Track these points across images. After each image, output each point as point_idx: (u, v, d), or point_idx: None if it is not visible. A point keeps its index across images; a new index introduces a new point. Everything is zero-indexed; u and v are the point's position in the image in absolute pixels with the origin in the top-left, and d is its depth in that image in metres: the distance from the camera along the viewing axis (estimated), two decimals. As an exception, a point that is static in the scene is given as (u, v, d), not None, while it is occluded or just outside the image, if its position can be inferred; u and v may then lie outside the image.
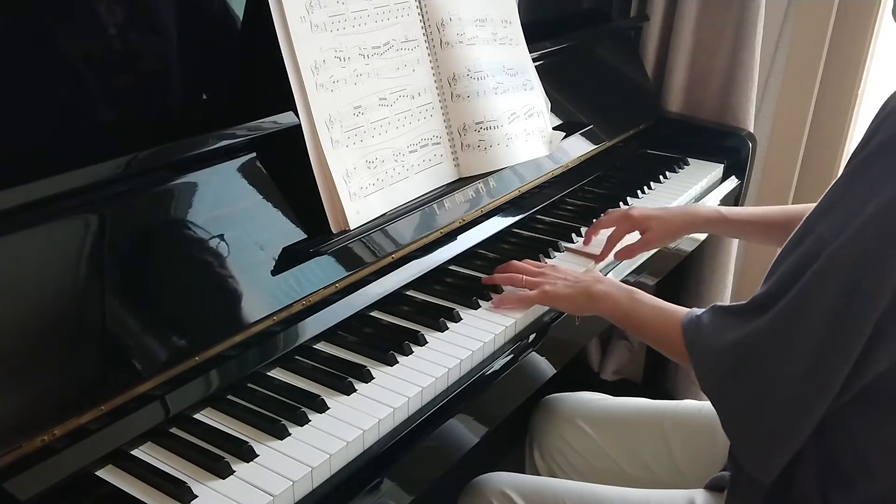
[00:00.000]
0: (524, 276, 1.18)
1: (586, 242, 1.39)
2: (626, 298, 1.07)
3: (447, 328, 1.11)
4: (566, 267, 1.25)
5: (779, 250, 0.88)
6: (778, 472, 0.86)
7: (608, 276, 1.32)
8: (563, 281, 1.15)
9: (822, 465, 0.88)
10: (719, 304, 0.94)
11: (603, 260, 1.35)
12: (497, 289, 1.20)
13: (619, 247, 1.36)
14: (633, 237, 1.37)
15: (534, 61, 1.51)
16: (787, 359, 0.82)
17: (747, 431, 0.87)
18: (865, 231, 0.77)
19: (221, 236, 0.99)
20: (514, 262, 1.22)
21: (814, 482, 0.88)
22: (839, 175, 0.84)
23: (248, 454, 0.85)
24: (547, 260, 1.34)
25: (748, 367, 0.85)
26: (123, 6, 1.00)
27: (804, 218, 0.85)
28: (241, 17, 1.13)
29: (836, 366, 0.80)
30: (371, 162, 1.17)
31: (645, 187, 1.66)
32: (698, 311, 0.96)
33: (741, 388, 0.86)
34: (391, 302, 1.15)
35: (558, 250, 1.37)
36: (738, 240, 2.02)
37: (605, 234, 1.37)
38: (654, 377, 2.16)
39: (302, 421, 0.91)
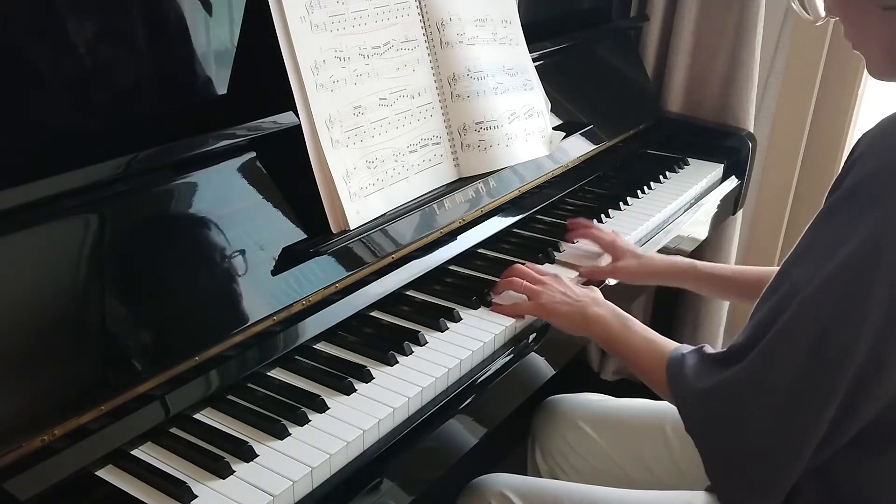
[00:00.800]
0: (524, 283, 1.17)
1: (570, 238, 1.40)
2: (617, 325, 1.07)
3: (447, 328, 1.11)
4: (567, 276, 1.24)
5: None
6: None
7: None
8: (562, 296, 1.13)
9: (821, 496, 0.88)
10: (706, 347, 0.94)
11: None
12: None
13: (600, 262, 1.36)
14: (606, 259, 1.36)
15: (534, 61, 1.51)
16: (764, 403, 0.82)
17: (729, 476, 0.87)
18: (834, 281, 0.77)
19: (221, 236, 0.99)
20: (518, 266, 1.22)
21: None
22: (815, 218, 0.84)
23: (248, 454, 0.85)
24: (558, 253, 1.35)
25: (726, 411, 0.86)
26: (124, 6, 1.00)
27: (782, 263, 0.86)
28: (241, 17, 1.13)
29: (813, 411, 0.80)
30: (371, 162, 1.17)
31: (645, 187, 1.66)
32: (685, 349, 0.96)
33: (720, 432, 0.87)
34: (391, 302, 1.15)
35: (558, 250, 1.37)
36: (736, 245, 2.02)
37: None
38: (654, 377, 2.16)
39: (302, 421, 0.91)
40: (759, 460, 0.84)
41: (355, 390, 0.96)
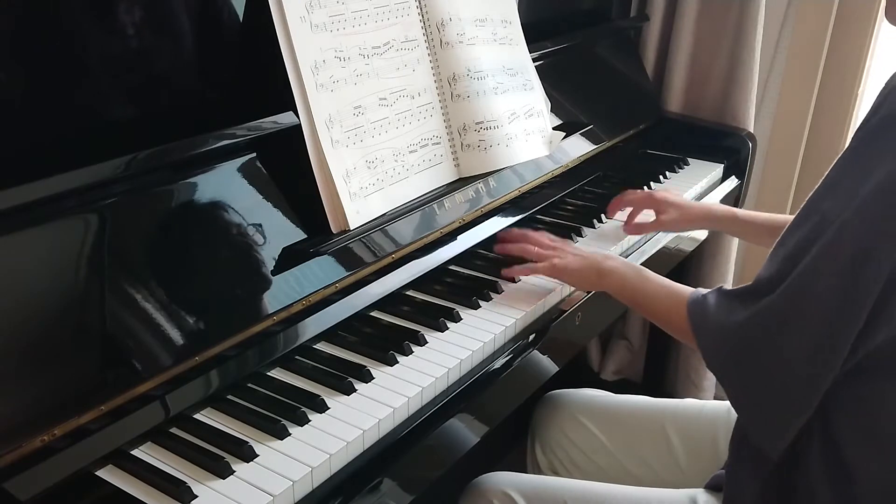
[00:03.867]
0: (536, 249, 1.19)
1: (611, 214, 1.47)
2: (634, 275, 1.09)
3: (447, 328, 1.11)
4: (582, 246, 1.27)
5: None
6: (785, 446, 0.87)
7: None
8: (573, 254, 1.17)
9: (821, 463, 0.88)
10: (724, 286, 0.95)
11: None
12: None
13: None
14: (650, 216, 1.42)
15: (534, 61, 1.51)
16: (797, 334, 0.82)
17: (757, 408, 0.88)
18: (874, 201, 0.77)
19: (221, 236, 1.00)
20: (529, 231, 1.23)
21: (812, 478, 0.88)
22: (840, 156, 0.84)
23: (248, 454, 0.85)
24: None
25: (757, 345, 0.86)
26: (124, 6, 1.00)
27: (809, 198, 0.86)
28: (241, 17, 1.13)
29: (844, 337, 0.80)
30: (371, 162, 1.17)
31: (645, 187, 1.66)
32: (704, 290, 0.98)
33: (750, 367, 0.87)
34: (391, 302, 1.15)
35: (558, 250, 1.37)
36: (738, 240, 2.02)
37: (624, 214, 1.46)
38: (655, 377, 2.16)
39: (302, 421, 0.91)
40: (788, 390, 0.84)
41: (355, 390, 0.96)
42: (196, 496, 0.80)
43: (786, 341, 0.83)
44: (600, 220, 1.49)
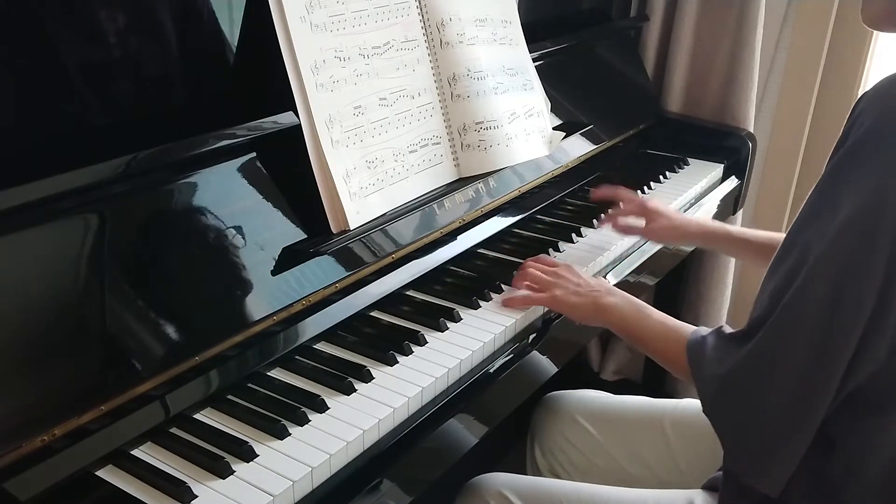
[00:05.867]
0: (538, 274, 1.18)
1: (595, 197, 1.46)
2: (632, 313, 1.07)
3: (447, 328, 1.11)
4: (578, 265, 1.25)
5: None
6: (784, 485, 0.86)
7: (609, 275, 1.32)
8: (576, 287, 1.14)
9: (810, 472, 0.88)
10: (725, 327, 0.94)
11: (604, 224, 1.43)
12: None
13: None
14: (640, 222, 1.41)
15: (534, 61, 1.51)
16: (780, 371, 0.82)
17: (748, 449, 0.87)
18: (841, 240, 0.78)
19: (221, 236, 1.00)
20: (530, 263, 1.22)
21: (803, 487, 0.89)
22: (818, 182, 0.84)
23: (248, 454, 0.85)
24: (558, 253, 1.35)
25: (743, 384, 0.86)
26: (124, 7, 1.00)
27: (791, 228, 0.86)
28: (241, 18, 1.13)
29: (828, 373, 0.80)
30: (371, 162, 1.17)
31: (645, 187, 1.66)
32: (704, 331, 0.96)
33: (738, 406, 0.87)
34: (391, 302, 1.15)
35: (558, 250, 1.37)
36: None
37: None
38: (655, 377, 2.16)
39: (302, 421, 0.91)
40: (775, 427, 0.84)
41: (355, 390, 0.96)
42: (196, 496, 0.80)
43: (771, 378, 0.83)
44: (600, 220, 1.49)
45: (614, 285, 1.30)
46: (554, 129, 1.52)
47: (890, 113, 0.78)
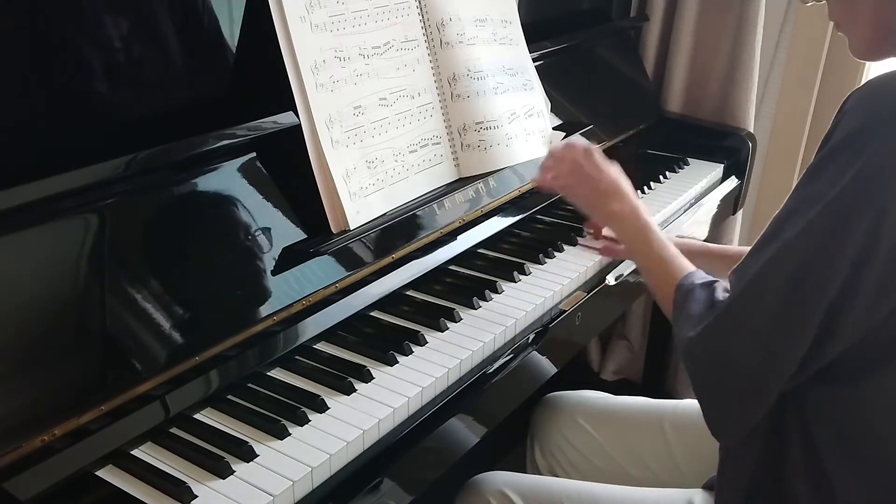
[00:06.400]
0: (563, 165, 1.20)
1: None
2: (636, 232, 1.10)
3: (447, 328, 1.11)
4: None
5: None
6: (741, 439, 0.92)
7: (609, 275, 1.32)
8: (588, 176, 1.15)
9: (804, 474, 0.89)
10: (719, 284, 0.96)
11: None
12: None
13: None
14: None
15: (534, 61, 1.51)
16: (743, 334, 0.85)
17: (711, 398, 0.91)
18: (815, 224, 0.80)
19: (221, 236, 1.00)
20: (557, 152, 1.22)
21: (797, 490, 0.89)
22: (798, 179, 0.86)
23: (248, 454, 0.85)
24: (558, 253, 1.35)
25: (713, 347, 0.89)
26: (124, 6, 1.00)
27: (769, 224, 0.87)
28: (241, 17, 1.13)
29: (787, 345, 0.83)
30: (371, 162, 1.17)
31: (645, 187, 1.66)
32: (698, 278, 0.98)
33: (706, 363, 0.90)
34: (391, 302, 1.15)
35: (559, 250, 1.37)
36: (738, 239, 2.02)
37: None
38: (655, 377, 2.16)
39: (302, 421, 0.91)
40: (737, 385, 0.88)
41: (355, 390, 0.96)
42: (196, 496, 0.80)
43: (734, 339, 0.86)
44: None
45: (613, 286, 1.30)
46: (554, 129, 1.52)
47: (875, 113, 0.78)
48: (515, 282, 1.24)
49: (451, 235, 1.26)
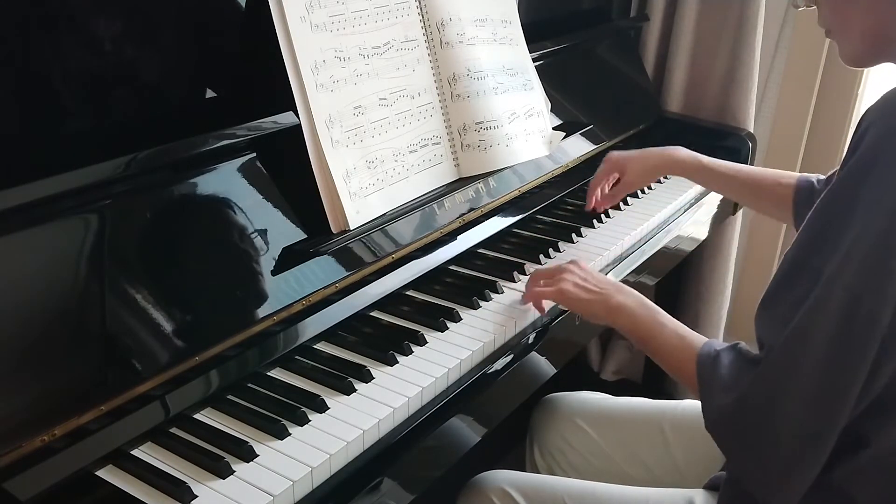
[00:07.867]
0: (545, 271, 1.16)
1: (589, 205, 1.47)
2: (645, 317, 1.03)
3: (447, 328, 1.11)
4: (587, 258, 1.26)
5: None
6: (800, 497, 0.84)
7: (609, 275, 1.32)
8: (582, 281, 1.10)
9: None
10: (742, 345, 0.92)
11: (592, 208, 1.46)
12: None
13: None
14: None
15: (534, 61, 1.51)
16: (795, 385, 0.80)
17: (758, 466, 0.85)
18: (858, 250, 0.76)
19: (221, 236, 1.00)
20: (539, 269, 1.20)
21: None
22: (820, 201, 0.83)
23: (248, 454, 0.85)
24: (558, 253, 1.35)
25: (761, 406, 0.84)
26: (124, 6, 1.00)
27: (793, 251, 0.84)
28: (241, 17, 1.13)
29: (843, 389, 0.79)
30: (371, 162, 1.17)
31: (645, 187, 1.66)
32: (718, 345, 0.94)
33: (750, 429, 0.85)
34: (391, 302, 1.15)
35: (558, 250, 1.37)
36: (736, 245, 2.02)
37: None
38: (654, 377, 2.16)
39: (302, 421, 0.91)
40: (789, 444, 0.82)
41: (355, 390, 0.96)
42: (196, 496, 0.80)
43: (787, 397, 0.81)
44: (600, 220, 1.49)
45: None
46: (554, 129, 1.52)
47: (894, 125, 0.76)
48: (516, 282, 1.24)
49: (451, 235, 1.26)
